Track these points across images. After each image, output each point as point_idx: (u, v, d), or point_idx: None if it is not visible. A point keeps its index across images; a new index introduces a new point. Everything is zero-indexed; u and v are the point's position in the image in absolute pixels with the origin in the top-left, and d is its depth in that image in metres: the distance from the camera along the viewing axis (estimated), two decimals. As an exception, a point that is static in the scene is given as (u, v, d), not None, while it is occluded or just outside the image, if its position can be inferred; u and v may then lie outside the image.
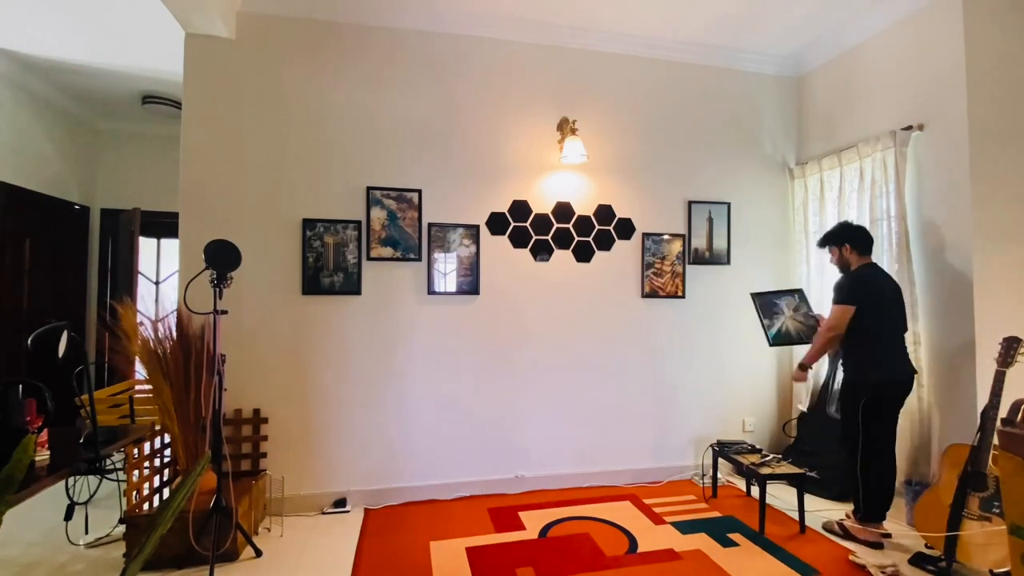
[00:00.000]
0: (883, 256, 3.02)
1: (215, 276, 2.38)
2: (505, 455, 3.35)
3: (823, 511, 3.03)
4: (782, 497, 3.22)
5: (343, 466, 3.11)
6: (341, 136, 3.15)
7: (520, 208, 3.40)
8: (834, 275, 3.39)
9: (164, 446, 2.75)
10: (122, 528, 2.47)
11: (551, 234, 3.44)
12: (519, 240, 3.39)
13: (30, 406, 1.88)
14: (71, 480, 2.62)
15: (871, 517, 2.65)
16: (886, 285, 2.70)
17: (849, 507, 2.84)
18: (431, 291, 3.24)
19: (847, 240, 2.79)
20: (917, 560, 2.42)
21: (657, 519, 2.95)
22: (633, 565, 2.45)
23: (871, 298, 2.64)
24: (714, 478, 3.31)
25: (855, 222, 2.97)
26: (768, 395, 3.79)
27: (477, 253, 3.31)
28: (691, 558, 2.51)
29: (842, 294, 2.71)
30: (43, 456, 1.81)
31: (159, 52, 3.55)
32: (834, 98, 3.56)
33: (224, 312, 2.44)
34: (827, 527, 2.80)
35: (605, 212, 3.53)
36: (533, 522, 2.90)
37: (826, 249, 2.93)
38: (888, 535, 2.64)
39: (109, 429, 2.25)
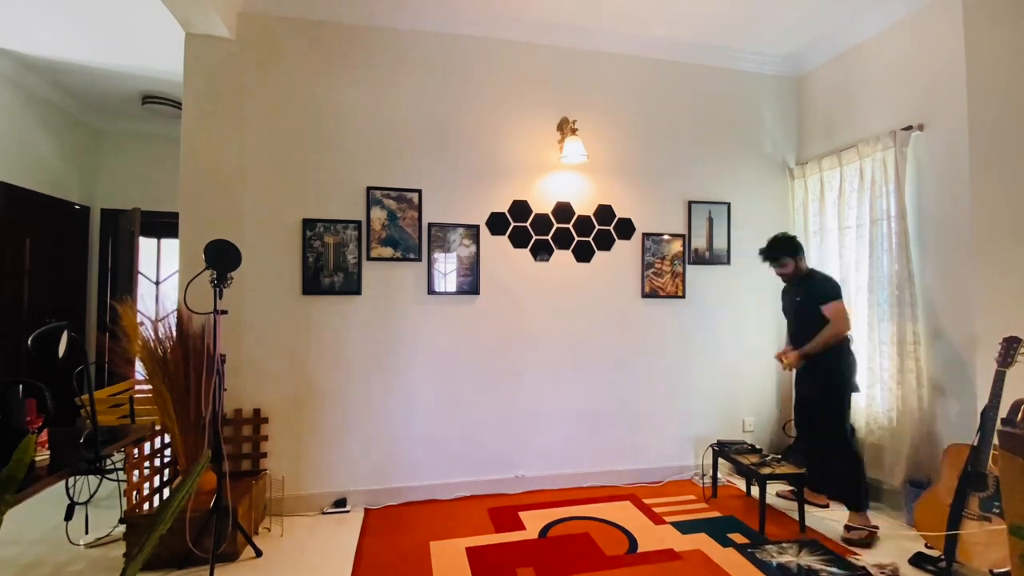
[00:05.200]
0: (883, 256, 3.02)
1: (215, 276, 2.38)
2: (505, 455, 3.35)
3: (823, 511, 3.03)
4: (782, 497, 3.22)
5: (343, 466, 3.11)
6: (341, 136, 3.15)
7: (520, 208, 3.40)
8: (833, 274, 3.41)
9: (164, 446, 2.76)
10: (122, 528, 2.47)
11: (551, 234, 3.44)
12: (519, 240, 3.39)
13: (30, 406, 1.87)
14: (71, 480, 2.61)
15: (864, 504, 2.75)
16: None
17: (843, 512, 2.84)
18: (431, 291, 3.24)
19: (800, 250, 3.01)
20: (917, 560, 2.42)
21: (657, 519, 2.95)
22: (633, 565, 2.45)
23: None
24: (714, 478, 3.31)
25: (797, 232, 3.43)
26: (768, 395, 3.79)
27: (477, 253, 3.31)
28: (691, 558, 2.51)
29: (837, 290, 2.89)
30: (43, 456, 1.80)
31: (159, 52, 3.55)
32: (834, 98, 3.56)
33: (224, 312, 2.45)
34: (849, 541, 2.64)
35: (605, 212, 3.53)
36: (533, 522, 2.90)
37: (771, 262, 3.05)
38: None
39: (109, 429, 2.24)
